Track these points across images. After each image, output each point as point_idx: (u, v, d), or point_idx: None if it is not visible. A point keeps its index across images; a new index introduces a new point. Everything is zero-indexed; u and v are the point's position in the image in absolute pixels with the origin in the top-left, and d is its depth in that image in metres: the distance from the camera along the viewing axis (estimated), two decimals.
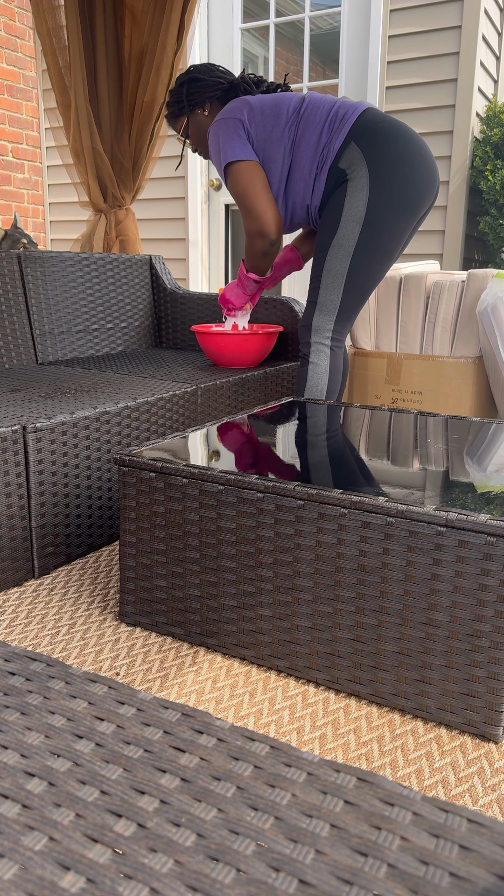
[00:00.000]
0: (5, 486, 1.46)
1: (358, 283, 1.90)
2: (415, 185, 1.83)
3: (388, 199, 1.82)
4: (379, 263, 1.89)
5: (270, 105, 1.90)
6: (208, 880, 0.37)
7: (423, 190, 1.85)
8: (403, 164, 1.81)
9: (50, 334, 2.40)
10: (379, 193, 1.82)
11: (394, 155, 1.80)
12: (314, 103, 1.89)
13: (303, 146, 1.87)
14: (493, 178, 3.18)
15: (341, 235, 1.86)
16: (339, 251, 1.87)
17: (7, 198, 4.50)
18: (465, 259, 3.47)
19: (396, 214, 1.84)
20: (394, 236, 1.86)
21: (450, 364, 2.45)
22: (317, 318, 1.95)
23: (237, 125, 1.89)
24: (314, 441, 1.43)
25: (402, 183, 1.82)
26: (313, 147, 1.86)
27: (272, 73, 3.78)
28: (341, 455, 1.34)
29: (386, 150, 1.80)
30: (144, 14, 2.81)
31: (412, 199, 1.84)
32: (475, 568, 1.01)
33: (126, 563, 1.34)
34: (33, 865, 0.38)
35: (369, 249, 1.86)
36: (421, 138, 1.88)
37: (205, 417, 2.07)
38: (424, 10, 3.26)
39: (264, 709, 1.13)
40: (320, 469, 1.24)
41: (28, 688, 0.54)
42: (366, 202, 1.82)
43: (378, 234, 1.85)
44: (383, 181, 1.81)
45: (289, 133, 1.88)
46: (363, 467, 1.27)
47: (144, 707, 0.52)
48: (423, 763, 1.02)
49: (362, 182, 1.82)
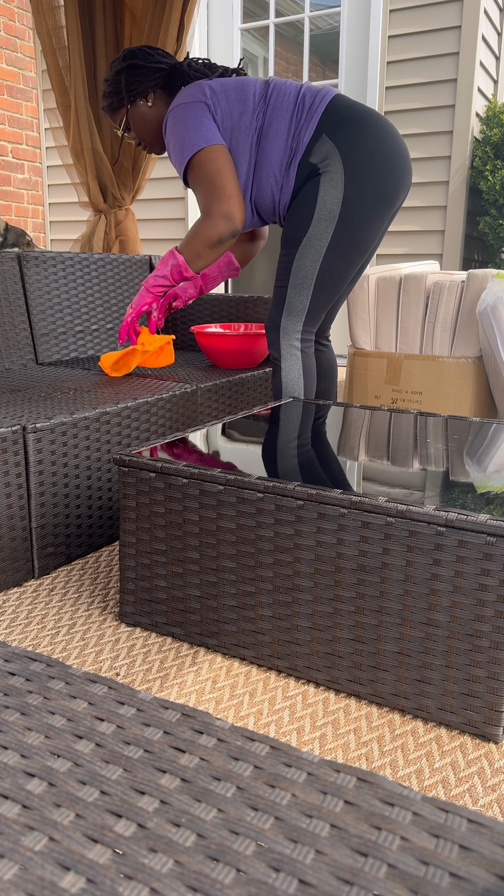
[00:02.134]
0: (5, 487, 1.46)
1: (328, 283, 1.80)
2: (392, 179, 1.71)
3: (364, 195, 1.70)
4: (351, 263, 1.79)
5: (235, 89, 1.73)
6: (208, 880, 0.37)
7: (400, 183, 1.74)
8: (380, 156, 1.69)
9: (50, 334, 2.40)
10: (354, 189, 1.69)
11: (369, 147, 1.68)
12: (280, 88, 1.74)
13: (270, 136, 1.72)
14: (492, 178, 3.18)
15: (313, 234, 1.73)
16: (310, 251, 1.75)
17: (7, 198, 4.50)
18: (465, 259, 3.47)
19: (372, 211, 1.72)
20: (369, 234, 1.76)
21: (450, 364, 2.45)
22: (285, 319, 1.84)
23: (203, 108, 1.71)
24: (314, 441, 1.44)
25: (380, 177, 1.70)
26: (283, 138, 1.72)
27: (272, 73, 3.78)
28: (341, 455, 1.34)
29: (361, 143, 1.68)
30: (144, 14, 2.81)
31: (389, 193, 1.72)
32: (475, 568, 1.01)
33: (126, 563, 1.34)
34: (33, 866, 0.38)
35: (342, 249, 1.75)
36: (394, 127, 1.76)
37: (205, 417, 2.07)
38: (424, 10, 3.26)
39: (264, 709, 1.13)
40: (320, 469, 1.24)
41: (28, 688, 0.54)
42: (340, 199, 1.70)
43: (352, 233, 1.73)
44: (359, 176, 1.69)
45: (256, 121, 1.72)
46: (363, 467, 1.27)
47: (144, 707, 0.52)
48: (423, 763, 1.02)
49: (337, 177, 1.69)
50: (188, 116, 1.71)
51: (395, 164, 1.72)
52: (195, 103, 1.71)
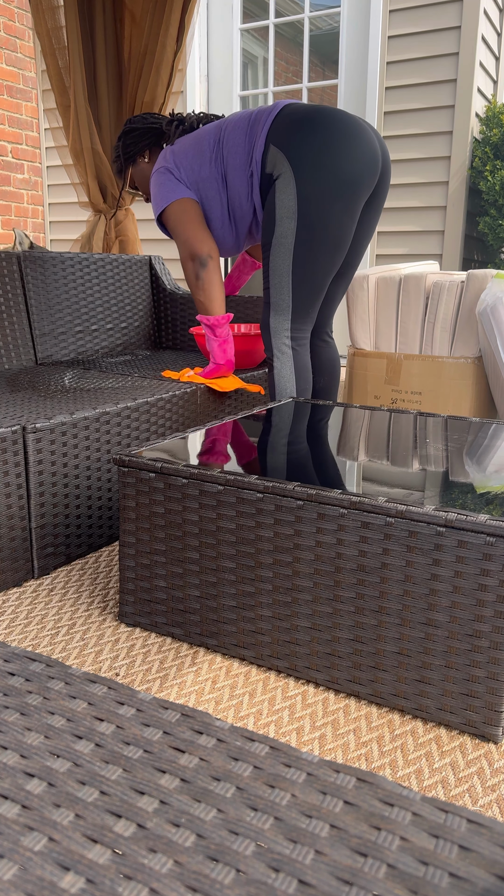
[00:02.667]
0: (5, 487, 1.46)
1: (306, 278, 1.85)
2: (342, 165, 1.73)
3: (316, 186, 1.74)
4: (325, 254, 1.82)
5: (191, 145, 1.92)
6: (208, 880, 0.37)
7: (358, 168, 1.75)
8: (327, 146, 1.72)
9: (50, 334, 2.40)
10: (305, 183, 1.75)
11: (311, 140, 1.73)
12: (231, 127, 1.88)
13: (231, 174, 1.87)
14: (492, 179, 3.18)
15: (279, 233, 1.81)
16: (280, 249, 1.83)
17: (7, 198, 4.50)
18: (465, 259, 3.47)
19: (331, 200, 1.75)
20: (335, 223, 1.78)
21: (449, 364, 2.45)
22: (273, 318, 1.92)
23: (166, 174, 1.94)
24: (314, 441, 1.44)
25: (330, 167, 1.73)
26: (242, 170, 1.85)
27: (272, 73, 3.78)
28: (341, 455, 1.34)
29: (302, 139, 1.74)
30: (144, 14, 2.81)
31: (346, 180, 1.74)
32: (475, 568, 1.01)
33: (126, 563, 1.34)
34: (33, 866, 0.38)
35: (309, 242, 1.80)
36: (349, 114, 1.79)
37: (205, 417, 2.07)
38: (424, 11, 3.26)
39: (264, 709, 1.13)
40: (320, 469, 1.24)
41: (28, 688, 0.54)
42: (294, 195, 1.76)
43: (314, 224, 1.78)
44: (307, 170, 1.74)
45: (216, 167, 1.89)
46: (363, 468, 1.27)
47: (144, 707, 0.52)
48: (423, 763, 1.02)
49: (287, 176, 1.76)
50: (157, 179, 1.96)
51: (344, 150, 1.73)
52: (160, 170, 1.95)
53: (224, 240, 2.00)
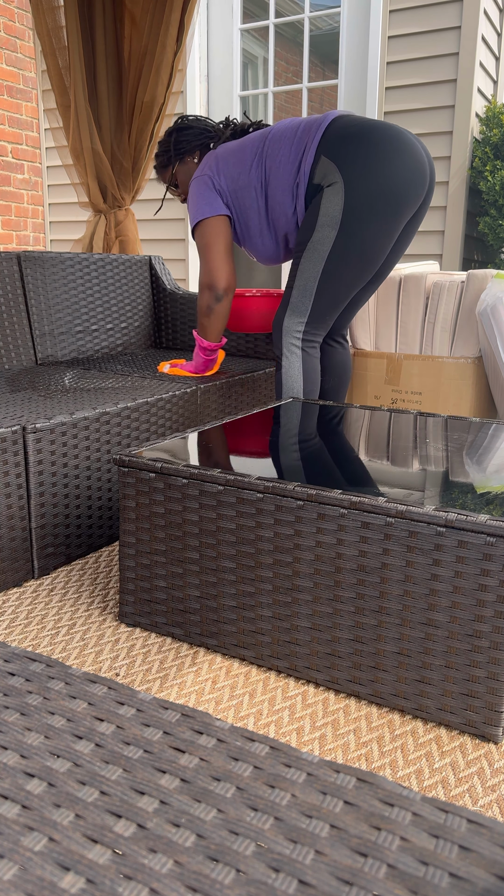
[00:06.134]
0: (5, 487, 1.46)
1: (331, 287, 1.85)
2: (395, 181, 1.73)
3: (364, 200, 1.74)
4: (356, 269, 1.83)
5: (234, 152, 1.93)
6: (208, 881, 0.37)
7: (406, 185, 1.75)
8: (378, 160, 1.73)
9: (50, 334, 2.40)
10: (354, 196, 1.75)
11: (365, 153, 1.73)
12: (276, 136, 1.87)
13: (273, 183, 1.87)
14: (492, 179, 3.18)
15: (316, 239, 1.81)
16: (314, 255, 1.83)
17: (7, 198, 4.50)
18: (465, 259, 3.47)
19: (376, 216, 1.76)
20: (374, 239, 1.79)
21: (449, 364, 2.45)
22: (288, 318, 1.92)
23: (207, 182, 1.94)
24: (314, 441, 1.44)
25: (379, 181, 1.73)
26: (287, 180, 1.85)
27: (272, 73, 3.78)
28: (341, 455, 1.34)
29: (356, 151, 1.74)
30: (144, 14, 2.81)
31: (393, 196, 1.75)
32: (475, 568, 1.01)
33: (126, 563, 1.34)
34: (33, 866, 0.38)
35: (345, 255, 1.80)
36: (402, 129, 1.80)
37: (205, 417, 2.07)
38: (424, 11, 3.26)
39: (264, 709, 1.13)
40: (320, 469, 1.24)
41: (28, 688, 0.54)
42: (342, 206, 1.76)
43: (355, 239, 1.78)
44: (358, 182, 1.74)
45: (256, 174, 1.89)
46: (363, 468, 1.27)
47: (144, 708, 0.52)
48: (423, 763, 1.02)
49: (337, 187, 1.76)
50: (195, 190, 1.97)
51: (396, 165, 1.73)
52: (202, 177, 1.95)
53: (265, 248, 2.00)
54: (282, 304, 1.94)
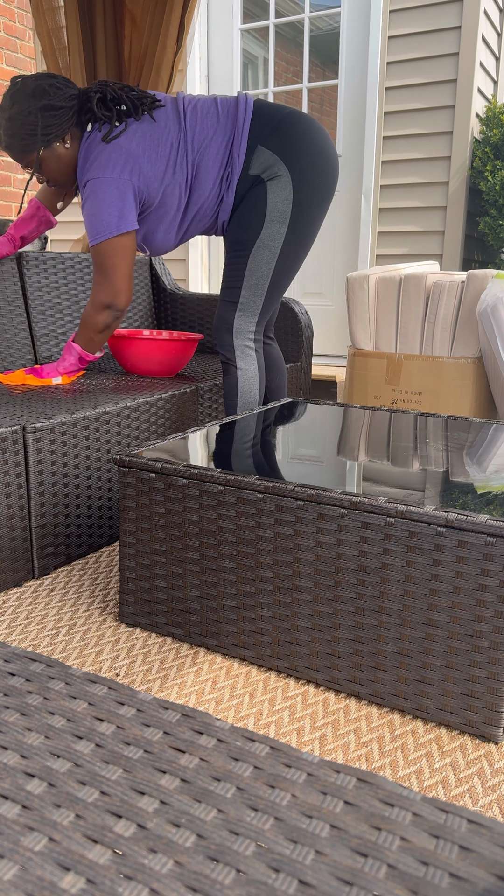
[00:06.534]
0: (5, 487, 1.46)
1: (280, 282, 1.84)
2: (331, 175, 1.78)
3: (311, 194, 1.75)
4: (299, 260, 1.84)
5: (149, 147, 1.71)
6: (208, 881, 0.37)
7: (335, 176, 1.80)
8: (319, 155, 1.74)
9: (50, 334, 2.40)
10: (302, 190, 1.74)
11: (308, 147, 1.73)
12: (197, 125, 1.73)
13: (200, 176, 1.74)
14: (492, 179, 3.18)
15: (266, 236, 1.76)
16: (265, 252, 1.78)
17: (7, 198, 4.50)
18: (465, 260, 3.47)
19: (319, 208, 1.79)
20: (316, 227, 1.82)
21: (449, 364, 2.45)
22: (239, 319, 1.84)
23: (127, 190, 1.69)
24: (314, 441, 1.44)
25: (322, 175, 1.75)
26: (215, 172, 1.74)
27: (272, 73, 3.78)
28: (341, 455, 1.34)
29: (299, 145, 1.72)
30: (144, 15, 2.81)
31: (330, 188, 1.79)
32: (475, 568, 1.01)
33: (126, 563, 1.34)
34: (33, 866, 0.38)
35: (294, 249, 1.80)
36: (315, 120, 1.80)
37: (205, 417, 2.07)
38: (424, 11, 3.26)
39: (264, 709, 1.13)
40: (320, 469, 1.24)
41: (28, 688, 0.54)
42: (290, 200, 1.74)
43: (303, 231, 1.79)
44: (305, 177, 1.73)
45: (182, 172, 1.74)
46: (363, 468, 1.27)
47: (144, 708, 0.52)
48: (423, 763, 1.02)
49: (284, 181, 1.73)
50: (108, 194, 1.69)
51: (331, 158, 1.78)
52: (119, 182, 1.68)
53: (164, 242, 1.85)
54: (226, 306, 1.84)
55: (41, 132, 1.69)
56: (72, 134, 1.76)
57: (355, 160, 3.55)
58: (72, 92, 1.72)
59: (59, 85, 1.70)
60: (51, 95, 1.68)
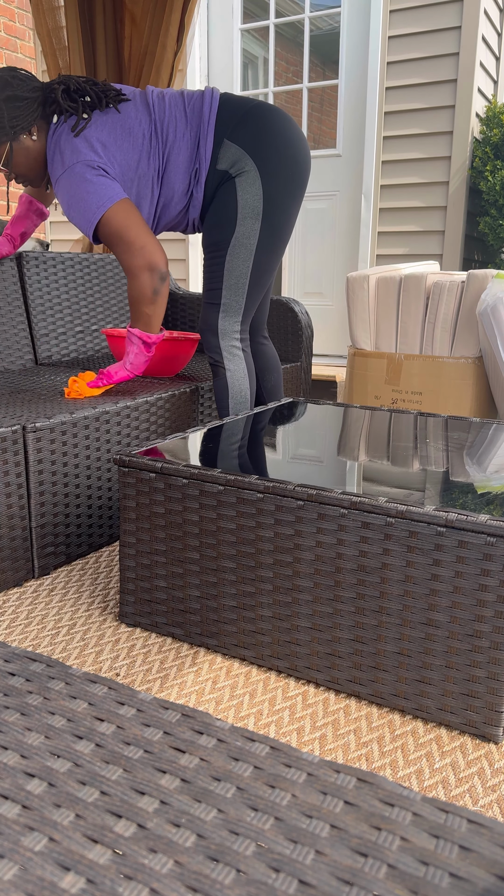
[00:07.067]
0: (5, 487, 1.46)
1: (260, 279, 1.82)
2: (300, 165, 1.76)
3: (281, 187, 1.73)
4: (277, 254, 1.82)
5: (122, 136, 1.69)
6: (208, 881, 0.37)
7: (307, 167, 1.78)
8: (286, 146, 1.72)
9: (50, 334, 2.41)
10: (271, 184, 1.72)
11: (274, 140, 1.71)
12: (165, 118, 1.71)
13: (171, 169, 1.73)
14: (492, 179, 3.18)
15: (241, 234, 1.75)
16: (241, 250, 1.76)
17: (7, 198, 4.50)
18: (465, 259, 3.47)
19: (291, 200, 1.77)
20: (291, 220, 1.80)
21: (450, 364, 2.45)
22: (223, 320, 1.83)
23: (98, 171, 1.67)
24: (314, 441, 1.44)
25: (290, 166, 1.73)
26: (185, 166, 1.73)
27: (272, 73, 3.78)
28: (341, 455, 1.34)
29: (265, 139, 1.71)
30: (144, 15, 2.81)
31: (301, 179, 1.77)
32: (475, 568, 1.01)
33: (126, 563, 1.34)
34: (33, 866, 0.38)
35: (270, 244, 1.78)
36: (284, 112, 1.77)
37: (205, 417, 2.07)
38: (424, 11, 3.26)
39: (264, 709, 1.13)
40: (320, 469, 1.24)
41: (28, 688, 0.54)
42: (261, 195, 1.72)
43: (277, 225, 1.77)
44: (273, 170, 1.72)
45: (154, 163, 1.72)
46: (363, 468, 1.27)
47: (144, 708, 0.52)
48: (423, 763, 1.02)
49: (252, 176, 1.71)
50: (83, 178, 1.66)
51: (300, 149, 1.76)
52: (89, 168, 1.65)
53: None
54: (209, 308, 1.84)
55: (8, 123, 1.67)
56: (38, 126, 1.73)
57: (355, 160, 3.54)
58: (35, 84, 1.71)
59: (21, 77, 1.69)
60: (14, 87, 1.67)
